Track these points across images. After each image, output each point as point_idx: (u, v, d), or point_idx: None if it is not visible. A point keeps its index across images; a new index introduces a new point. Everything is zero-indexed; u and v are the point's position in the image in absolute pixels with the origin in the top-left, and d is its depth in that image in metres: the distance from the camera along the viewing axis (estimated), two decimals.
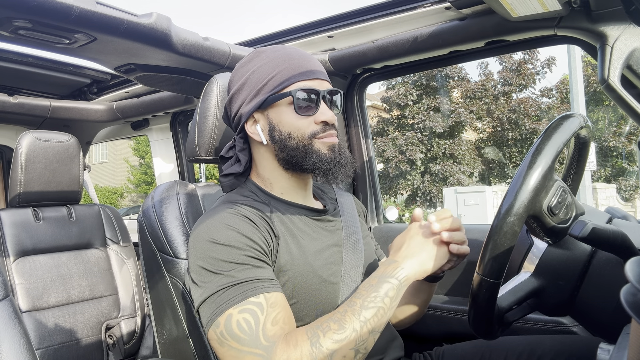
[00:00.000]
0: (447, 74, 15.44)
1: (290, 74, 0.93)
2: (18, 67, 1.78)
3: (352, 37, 1.47)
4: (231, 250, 0.82)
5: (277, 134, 0.93)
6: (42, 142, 1.78)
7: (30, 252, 1.78)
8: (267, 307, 0.79)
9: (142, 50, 1.27)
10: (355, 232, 1.03)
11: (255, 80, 0.94)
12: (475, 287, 0.76)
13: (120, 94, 2.11)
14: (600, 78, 1.04)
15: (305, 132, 0.93)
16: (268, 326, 0.78)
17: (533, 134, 14.80)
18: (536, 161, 0.72)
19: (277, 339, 0.77)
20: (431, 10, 1.28)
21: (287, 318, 0.81)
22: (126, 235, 2.07)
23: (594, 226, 0.68)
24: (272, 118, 0.94)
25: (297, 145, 0.92)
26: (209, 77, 1.11)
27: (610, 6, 1.03)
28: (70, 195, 1.91)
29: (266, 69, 0.93)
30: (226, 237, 0.83)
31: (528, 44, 1.36)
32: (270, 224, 0.90)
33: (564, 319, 1.26)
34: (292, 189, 0.99)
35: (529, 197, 0.71)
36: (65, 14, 1.04)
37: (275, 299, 0.81)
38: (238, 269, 0.81)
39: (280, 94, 0.92)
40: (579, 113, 0.82)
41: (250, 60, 0.96)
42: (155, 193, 1.08)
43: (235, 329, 0.77)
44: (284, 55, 0.94)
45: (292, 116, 0.93)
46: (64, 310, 1.78)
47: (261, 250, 0.84)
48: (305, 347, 0.76)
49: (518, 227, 0.71)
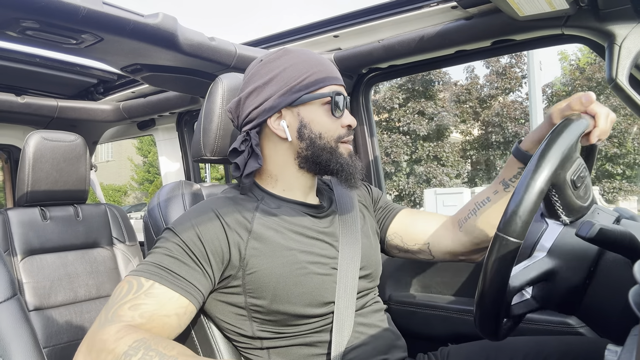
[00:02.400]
0: (432, 78, 15.79)
1: (326, 75, 0.96)
2: (25, 68, 1.79)
3: (358, 36, 1.47)
4: (178, 241, 0.86)
5: (308, 132, 0.95)
6: (49, 142, 1.79)
7: (38, 251, 1.79)
8: (142, 292, 0.80)
9: (149, 50, 1.28)
10: (352, 226, 1.03)
11: (288, 76, 0.94)
12: (492, 248, 0.71)
13: (126, 94, 2.11)
14: (608, 77, 1.03)
15: (334, 134, 0.96)
16: (126, 306, 0.78)
17: (515, 136, 15.18)
18: (565, 129, 0.74)
19: (117, 322, 0.76)
20: (437, 9, 1.27)
21: (149, 317, 0.78)
22: (132, 235, 2.08)
23: (601, 227, 0.67)
24: (303, 116, 0.96)
25: (324, 146, 0.95)
26: (215, 77, 1.11)
27: (619, 5, 1.03)
28: (77, 195, 1.92)
29: (301, 67, 0.95)
30: (182, 229, 0.87)
31: (535, 44, 1.36)
32: (248, 221, 0.92)
33: (570, 320, 1.25)
34: (298, 186, 1.00)
35: (556, 162, 0.71)
36: (73, 14, 1.04)
37: (159, 293, 0.80)
38: (168, 256, 0.84)
39: (318, 94, 0.95)
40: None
41: (279, 57, 0.97)
42: (161, 193, 1.08)
43: (115, 289, 0.82)
44: (315, 58, 0.98)
45: (325, 117, 0.96)
46: (70, 308, 1.79)
47: (205, 253, 0.86)
48: (121, 349, 0.72)
49: (545, 185, 0.70)
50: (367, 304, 1.00)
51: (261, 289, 0.88)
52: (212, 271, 0.86)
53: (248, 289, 0.89)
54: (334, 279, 0.93)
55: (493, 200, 1.04)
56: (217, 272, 0.87)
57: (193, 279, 0.84)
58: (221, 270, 0.88)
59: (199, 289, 0.84)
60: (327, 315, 0.92)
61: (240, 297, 0.90)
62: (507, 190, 1.02)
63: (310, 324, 0.91)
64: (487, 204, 1.05)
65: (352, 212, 1.07)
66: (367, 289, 1.01)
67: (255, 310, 0.90)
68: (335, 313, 0.92)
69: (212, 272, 0.87)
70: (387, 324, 1.02)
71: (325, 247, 0.96)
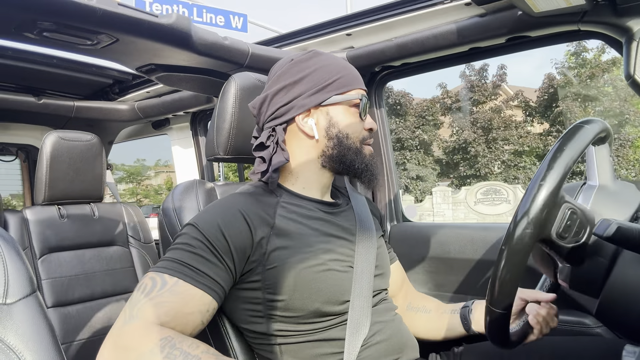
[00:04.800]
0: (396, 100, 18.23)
1: (354, 79, 1.00)
2: (43, 69, 1.82)
3: (371, 34, 1.46)
4: (201, 237, 0.86)
5: (336, 131, 0.98)
6: (66, 142, 1.82)
7: (55, 249, 1.82)
8: (166, 290, 0.80)
9: (163, 50, 1.29)
10: (368, 227, 1.04)
11: (319, 77, 0.98)
12: (485, 315, 0.77)
13: (141, 94, 2.14)
14: (625, 74, 1.01)
15: (359, 136, 1.01)
16: (150, 303, 0.78)
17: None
18: (540, 189, 0.69)
19: (142, 319, 0.76)
20: (451, 6, 1.26)
21: (174, 315, 0.79)
22: (148, 234, 2.10)
23: (619, 225, 0.66)
24: (332, 115, 0.98)
25: (351, 146, 0.98)
26: (228, 77, 1.12)
27: (636, 0, 1.01)
28: (94, 194, 1.95)
29: (331, 69, 0.98)
30: (205, 225, 0.87)
31: (551, 40, 1.34)
32: (270, 216, 0.92)
33: (587, 320, 1.23)
34: (318, 185, 1.02)
35: (532, 230, 0.68)
36: (89, 15, 1.06)
37: (182, 290, 0.80)
38: (191, 252, 0.84)
39: (348, 96, 0.99)
40: (592, 121, 0.77)
41: (310, 58, 1.00)
42: (175, 192, 1.09)
43: (138, 286, 0.82)
44: (342, 62, 1.02)
45: (353, 118, 0.99)
46: (87, 306, 1.82)
47: (229, 249, 0.86)
48: (146, 347, 0.73)
49: (524, 257, 0.69)
50: (380, 302, 1.00)
51: (280, 284, 0.89)
52: (234, 267, 0.87)
53: (267, 284, 0.89)
54: (351, 277, 0.94)
55: (430, 315, 1.15)
56: (239, 267, 0.88)
57: (216, 275, 0.84)
58: (243, 266, 0.89)
59: (222, 286, 0.85)
60: (342, 314, 0.92)
61: (258, 292, 0.90)
62: (441, 316, 1.12)
63: (326, 321, 0.91)
64: (426, 314, 1.15)
65: (367, 214, 1.08)
66: (380, 289, 1.02)
67: (271, 306, 0.90)
68: (351, 311, 0.92)
69: (234, 267, 0.87)
70: (400, 323, 1.02)
71: (344, 244, 0.97)
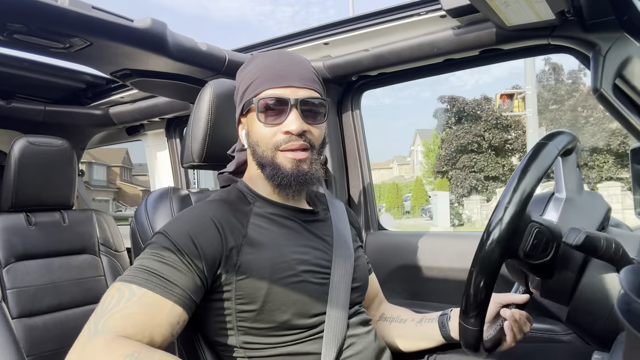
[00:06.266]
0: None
1: (262, 81, 0.93)
2: (13, 72, 1.77)
3: (348, 44, 1.48)
4: (171, 246, 0.82)
5: (250, 140, 0.97)
6: (36, 147, 1.77)
7: (22, 258, 1.76)
8: (134, 301, 0.76)
9: (138, 55, 1.27)
10: (345, 237, 1.03)
11: (243, 85, 0.97)
12: (459, 330, 0.78)
13: (115, 99, 2.10)
14: (593, 88, 1.04)
15: (270, 142, 0.93)
16: (116, 316, 0.74)
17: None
18: (505, 211, 0.70)
19: (108, 333, 0.73)
20: (427, 18, 1.29)
21: (141, 327, 0.75)
22: (119, 241, 2.05)
23: (587, 234, 0.68)
24: (249, 124, 0.97)
25: (263, 154, 0.94)
26: (205, 83, 1.11)
27: (603, 16, 1.04)
28: (64, 201, 1.90)
29: (249, 75, 0.95)
30: (175, 234, 0.84)
31: (522, 53, 1.37)
32: (242, 225, 0.90)
33: (557, 327, 1.26)
34: (277, 192, 0.98)
35: (499, 251, 0.70)
36: (61, 18, 1.03)
37: (151, 302, 0.77)
38: (160, 262, 0.81)
39: (248, 102, 0.95)
40: (556, 135, 0.78)
41: (246, 65, 0.99)
42: (149, 199, 1.07)
43: (104, 297, 0.78)
44: (268, 61, 0.95)
45: (258, 124, 0.93)
46: (55, 316, 1.76)
47: (200, 258, 0.83)
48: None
49: (493, 278, 0.71)
50: (355, 315, 0.98)
51: (252, 295, 0.87)
52: (205, 277, 0.84)
53: (238, 295, 0.87)
54: (326, 289, 0.92)
55: (405, 325, 1.13)
56: (210, 277, 0.85)
57: (187, 286, 0.80)
58: (213, 275, 0.86)
59: (192, 297, 0.81)
60: (314, 327, 0.91)
61: (229, 302, 0.88)
62: (418, 325, 1.11)
63: (297, 334, 0.89)
64: (400, 324, 1.14)
65: (345, 223, 1.07)
66: (356, 302, 1.00)
67: (241, 318, 0.88)
68: (327, 324, 0.90)
69: (205, 277, 0.84)
70: (374, 335, 1.00)
71: (319, 255, 0.95)
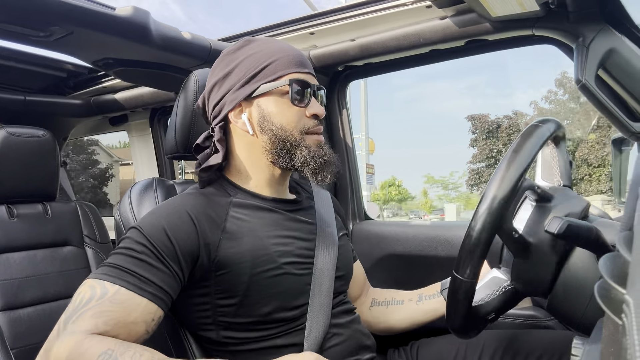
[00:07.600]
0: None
1: (287, 63, 0.91)
2: None
3: (334, 34, 1.47)
4: (145, 242, 0.80)
5: (269, 124, 0.90)
6: (16, 138, 1.73)
7: (4, 250, 1.73)
8: (106, 299, 0.74)
9: (120, 44, 1.25)
10: (329, 224, 1.01)
11: (247, 67, 0.91)
12: (451, 285, 0.77)
13: (97, 89, 2.06)
14: (575, 78, 1.06)
15: (298, 126, 0.91)
16: (87, 314, 0.73)
17: None
18: (502, 182, 0.71)
19: (78, 333, 0.71)
20: (412, 8, 1.29)
21: (114, 324, 0.74)
22: (104, 233, 2.03)
23: (569, 222, 0.69)
24: (263, 108, 0.91)
25: (288, 138, 0.90)
26: (189, 73, 1.10)
27: (586, 8, 1.05)
28: (46, 192, 1.87)
29: (260, 56, 0.91)
30: (150, 229, 0.82)
31: (507, 44, 1.38)
32: (220, 219, 0.88)
33: (539, 313, 1.28)
34: (270, 183, 0.96)
35: (496, 216, 0.71)
36: (41, 6, 1.01)
37: (125, 299, 0.75)
38: (134, 258, 0.79)
39: (276, 83, 0.90)
40: (547, 120, 0.80)
41: (239, 48, 0.94)
42: (133, 190, 1.06)
43: (75, 294, 0.76)
44: (278, 46, 0.93)
45: (286, 107, 0.90)
46: (39, 309, 1.74)
47: (176, 254, 0.81)
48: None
49: (490, 236, 0.71)
50: (338, 304, 0.98)
51: (231, 289, 0.85)
52: (181, 272, 0.82)
53: (217, 290, 0.86)
54: (309, 279, 0.91)
55: (405, 305, 1.13)
56: (187, 273, 0.83)
57: (162, 282, 0.79)
58: (190, 271, 0.84)
59: (168, 293, 0.80)
60: (300, 318, 0.90)
61: (207, 297, 0.86)
62: (418, 304, 1.11)
63: (280, 326, 0.89)
64: (399, 305, 1.14)
65: (329, 211, 1.06)
66: (339, 291, 1.00)
67: (221, 312, 0.87)
68: (309, 314, 0.90)
69: (182, 273, 0.82)
70: (357, 324, 1.00)
71: (302, 244, 0.94)
